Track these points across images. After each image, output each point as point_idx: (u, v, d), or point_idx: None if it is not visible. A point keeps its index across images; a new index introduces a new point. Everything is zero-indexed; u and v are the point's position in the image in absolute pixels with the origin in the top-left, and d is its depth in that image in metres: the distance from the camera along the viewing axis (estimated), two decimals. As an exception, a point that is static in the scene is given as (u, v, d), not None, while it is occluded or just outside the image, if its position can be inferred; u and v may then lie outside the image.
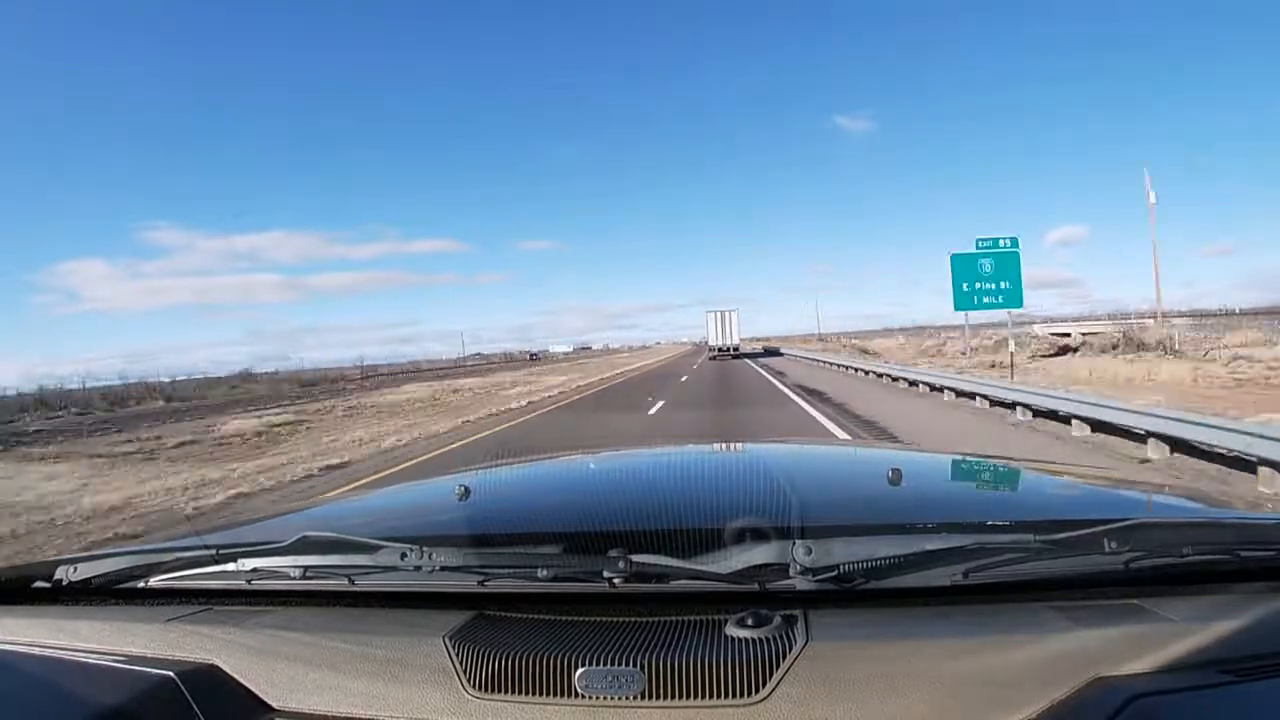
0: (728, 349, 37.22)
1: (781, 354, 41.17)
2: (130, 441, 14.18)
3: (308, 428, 15.43)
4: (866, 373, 19.43)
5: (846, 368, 22.12)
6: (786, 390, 16.05)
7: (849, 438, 8.11)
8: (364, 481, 7.46)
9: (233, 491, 7.48)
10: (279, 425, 15.90)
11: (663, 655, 0.67)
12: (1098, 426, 7.61)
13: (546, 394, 20.08)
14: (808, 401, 13.08)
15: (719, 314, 37.83)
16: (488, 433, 11.80)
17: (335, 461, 9.29)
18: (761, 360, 34.32)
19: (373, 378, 50.22)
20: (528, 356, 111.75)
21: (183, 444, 13.44)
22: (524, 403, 17.31)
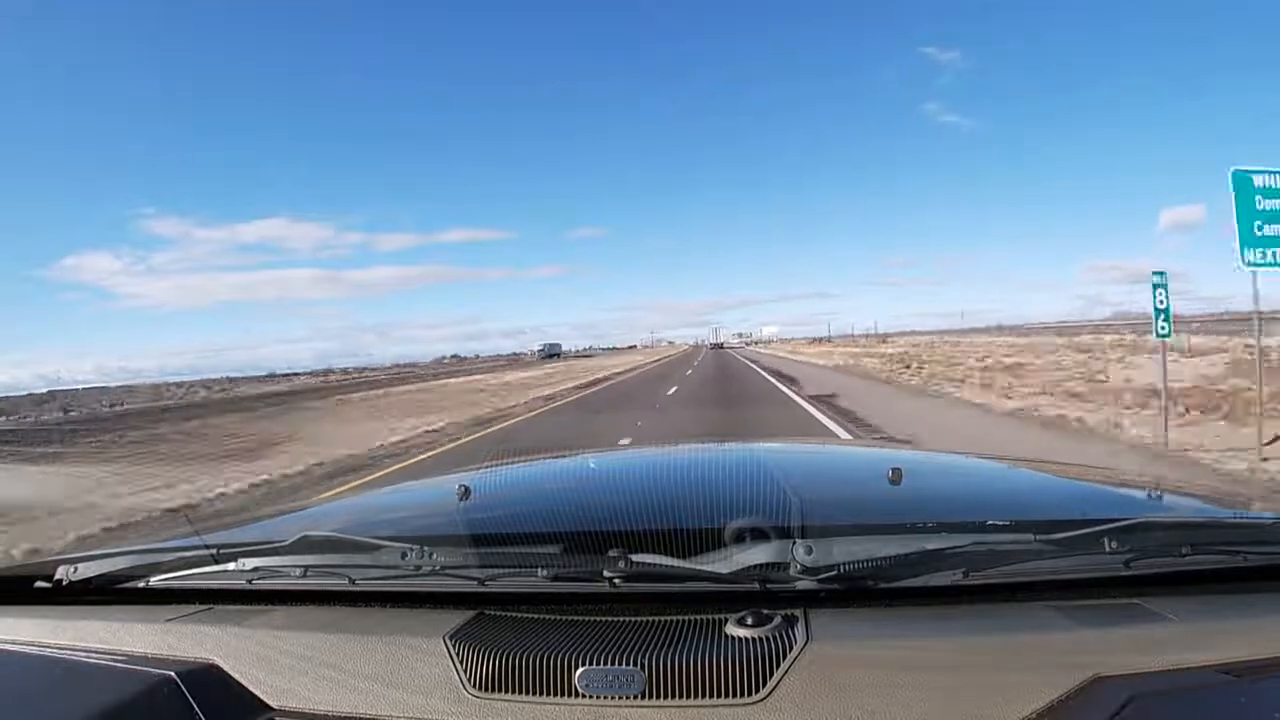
0: (719, 345, 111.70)
1: (746, 347, 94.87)
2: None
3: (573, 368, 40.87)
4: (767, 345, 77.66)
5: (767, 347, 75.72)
6: (732, 353, 65.12)
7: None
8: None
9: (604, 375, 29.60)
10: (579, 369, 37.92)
11: (663, 655, 0.67)
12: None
13: (669, 354, 48.16)
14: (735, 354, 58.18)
15: (713, 328, 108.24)
16: (671, 360, 43.12)
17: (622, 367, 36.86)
18: (735, 348, 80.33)
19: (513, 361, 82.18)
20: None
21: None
22: (663, 355, 55.14)
